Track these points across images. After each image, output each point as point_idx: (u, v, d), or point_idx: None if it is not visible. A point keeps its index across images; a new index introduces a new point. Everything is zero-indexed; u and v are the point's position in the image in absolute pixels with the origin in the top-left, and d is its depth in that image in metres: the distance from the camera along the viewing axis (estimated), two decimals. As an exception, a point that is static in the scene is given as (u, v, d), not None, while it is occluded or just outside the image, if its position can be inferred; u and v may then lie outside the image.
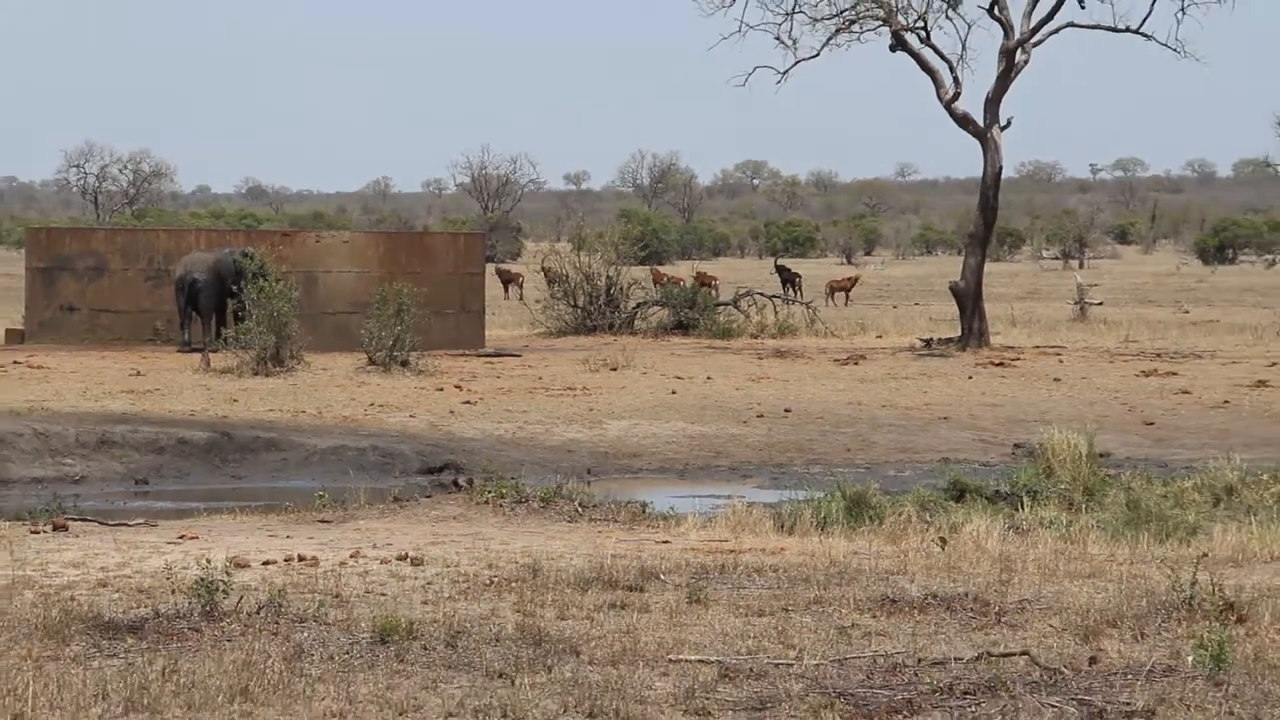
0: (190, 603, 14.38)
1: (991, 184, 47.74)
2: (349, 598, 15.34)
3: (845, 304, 67.57)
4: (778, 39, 48.30)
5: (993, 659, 12.92)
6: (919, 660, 13.02)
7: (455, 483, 25.62)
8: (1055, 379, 39.88)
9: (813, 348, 46.44)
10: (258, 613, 14.26)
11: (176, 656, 12.97)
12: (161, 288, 42.97)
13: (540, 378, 38.53)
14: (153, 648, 13.30)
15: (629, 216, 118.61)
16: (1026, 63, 47.32)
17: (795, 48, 48.24)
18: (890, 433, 33.66)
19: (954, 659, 13.03)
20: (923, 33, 47.73)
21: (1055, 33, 47.61)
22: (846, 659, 13.12)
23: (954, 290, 47.96)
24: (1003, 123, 47.35)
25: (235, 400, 33.76)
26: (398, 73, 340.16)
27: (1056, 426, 28.77)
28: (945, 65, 47.59)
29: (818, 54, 48.31)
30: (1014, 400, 36.91)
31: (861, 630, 14.23)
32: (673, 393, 36.93)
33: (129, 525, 20.65)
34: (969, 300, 46.73)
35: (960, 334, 46.53)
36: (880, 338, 50.75)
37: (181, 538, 19.16)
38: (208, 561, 16.09)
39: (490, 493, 22.80)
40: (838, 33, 47.80)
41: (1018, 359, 43.40)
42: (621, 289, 51.44)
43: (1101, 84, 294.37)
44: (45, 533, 19.63)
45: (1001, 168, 48.00)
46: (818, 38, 48.07)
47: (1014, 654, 13.08)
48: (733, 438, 32.86)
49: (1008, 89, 47.20)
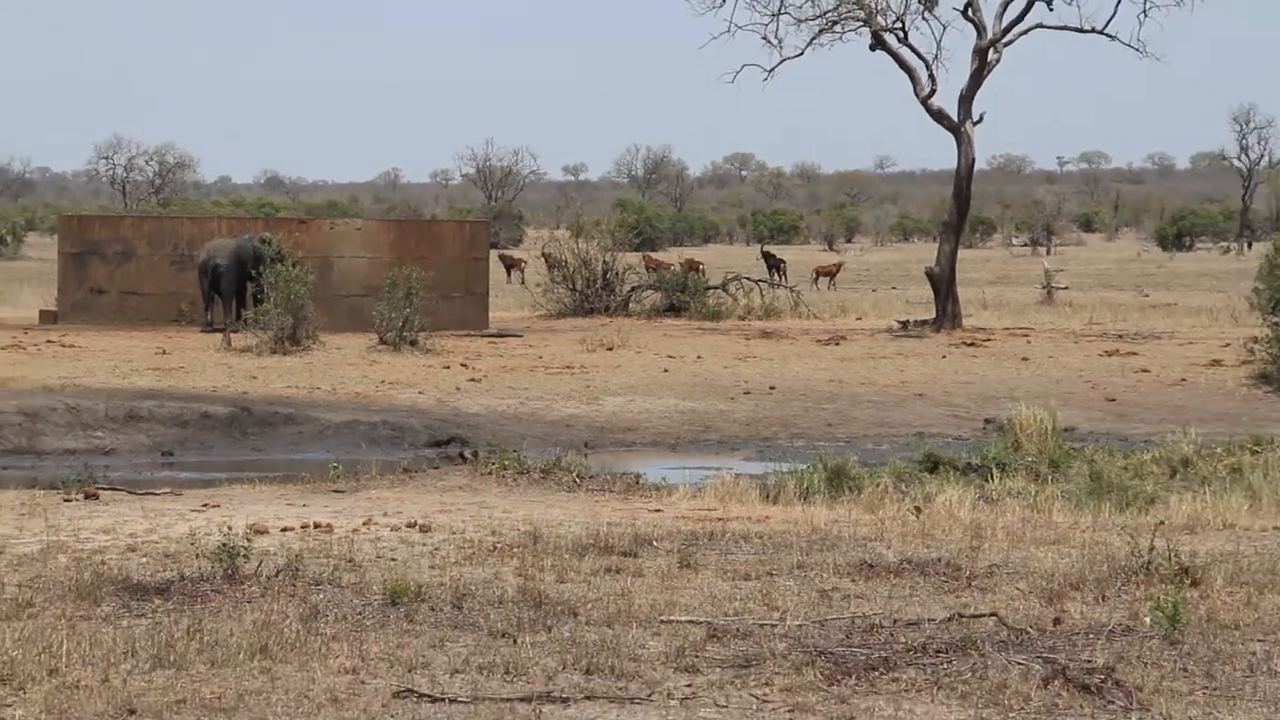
0: (213, 566, 14.41)
1: (965, 175, 47.75)
2: (361, 562, 15.37)
3: (830, 288, 67.51)
4: (764, 38, 48.38)
5: (964, 620, 12.96)
6: (895, 621, 13.05)
7: (461, 455, 25.64)
8: (1023, 358, 39.90)
9: (796, 329, 46.45)
10: (276, 576, 14.29)
11: (200, 616, 13.00)
12: (185, 272, 42.97)
13: (540, 357, 38.54)
14: (178, 608, 13.33)
15: (624, 205, 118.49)
16: (998, 61, 47.33)
17: (781, 47, 48.30)
18: (869, 409, 33.68)
19: (927, 620, 13.06)
20: (901, 33, 47.75)
21: (1025, 33, 47.66)
22: (827, 620, 13.15)
23: (929, 275, 47.98)
24: (975, 118, 47.35)
25: (255, 377, 33.77)
26: (407, 70, 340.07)
27: (1024, 403, 28.81)
28: (922, 64, 47.64)
29: (802, 53, 48.35)
30: (985, 378, 36.93)
31: (841, 593, 14.26)
32: (665, 371, 36.95)
33: (156, 494, 20.68)
34: (943, 284, 46.74)
35: (935, 316, 46.54)
36: (860, 320, 50.74)
37: (205, 506, 19.18)
38: (229, 528, 16.13)
39: (494, 464, 22.83)
40: (821, 33, 47.81)
41: (988, 340, 43.41)
42: (617, 274, 51.42)
43: (1068, 82, 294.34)
44: (77, 501, 19.65)
45: (974, 160, 48.01)
46: (802, 37, 48.13)
47: (983, 615, 13.11)
48: (721, 413, 32.88)
49: (980, 86, 47.20)
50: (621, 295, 50.63)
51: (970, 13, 47.19)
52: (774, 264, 66.63)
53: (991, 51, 47.09)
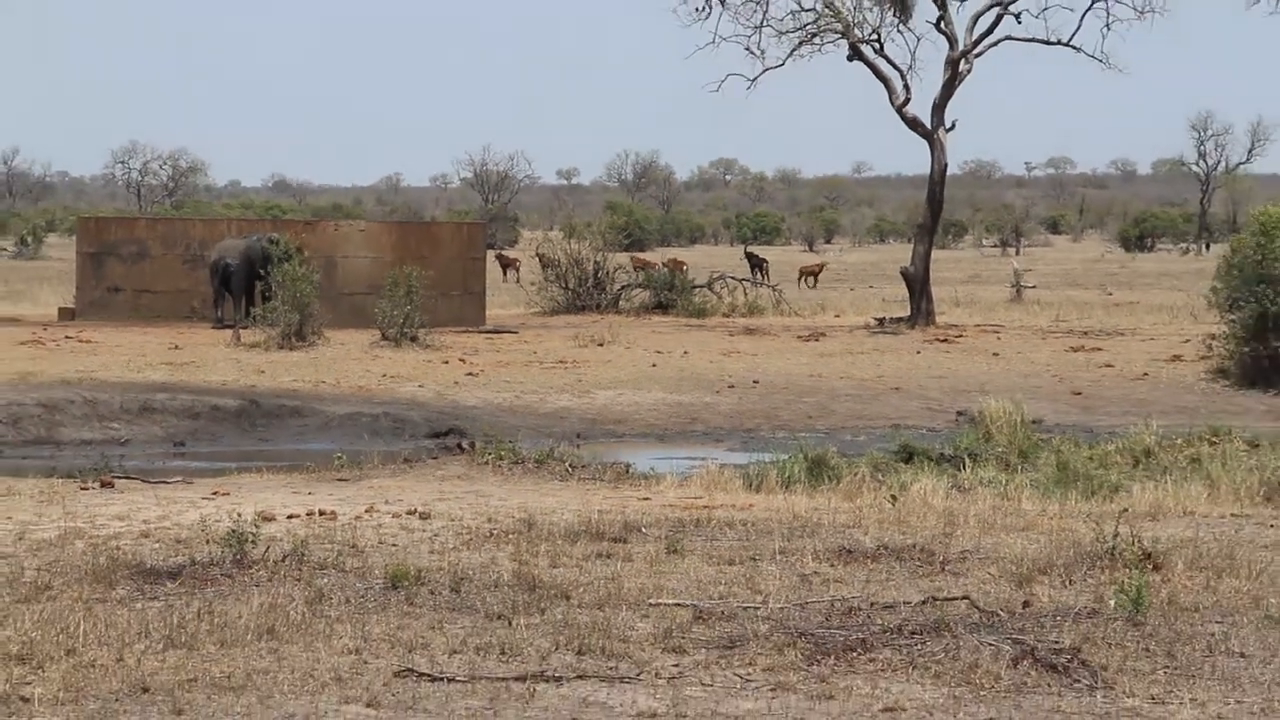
0: (223, 552, 14.40)
1: (938, 180, 47.76)
2: (364, 548, 15.35)
3: (813, 287, 67.49)
4: (748, 49, 48.32)
5: (937, 603, 12.95)
6: (872, 604, 13.04)
7: (459, 446, 25.60)
8: (994, 354, 39.91)
9: (778, 326, 46.43)
10: (283, 561, 14.28)
11: (210, 599, 12.99)
12: (197, 271, 42.90)
13: (535, 352, 38.53)
14: (189, 591, 13.32)
15: (614, 208, 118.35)
16: (969, 72, 47.31)
17: (763, 58, 48.24)
18: (847, 402, 33.69)
19: (903, 603, 13.06)
20: (877, 45, 47.72)
21: (995, 45, 47.65)
22: (807, 603, 13.15)
23: (904, 275, 47.97)
24: (948, 125, 47.34)
25: (263, 371, 33.74)
26: (408, 79, 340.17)
27: (995, 396, 28.83)
28: (897, 74, 47.62)
29: (783, 63, 48.29)
30: (957, 373, 36.95)
31: (821, 577, 14.26)
32: (653, 366, 36.94)
33: (168, 483, 20.66)
34: (918, 283, 46.74)
35: (910, 314, 46.52)
36: (839, 317, 50.72)
37: (215, 494, 19.17)
38: (238, 515, 16.10)
39: (490, 455, 22.81)
40: (801, 44, 47.77)
41: (961, 336, 43.42)
42: (608, 273, 51.38)
43: (1035, 91, 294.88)
44: (94, 489, 19.63)
45: (946, 165, 48.02)
46: (783, 49, 48.07)
47: (956, 598, 13.11)
48: (707, 406, 32.88)
49: (952, 95, 47.19)
50: (612, 293, 50.59)
51: (942, 25, 47.19)
52: (757, 264, 66.61)
53: (963, 62, 47.08)
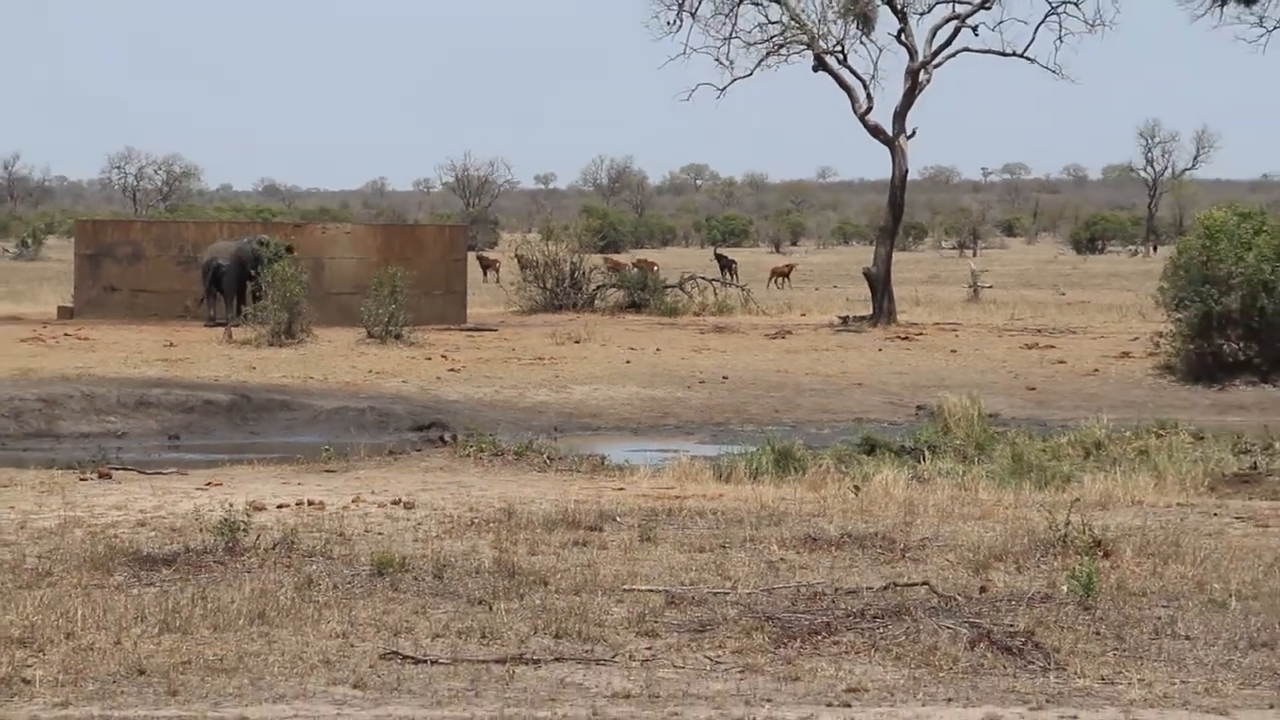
0: (216, 540, 14.40)
1: (899, 185, 47.79)
2: (351, 536, 15.35)
3: (783, 287, 67.47)
4: (717, 60, 48.26)
5: (898, 588, 12.99)
6: (836, 589, 13.07)
7: (441, 439, 25.59)
8: (952, 351, 39.96)
9: (746, 324, 46.44)
10: (273, 549, 14.28)
11: (204, 585, 12.99)
12: (190, 271, 42.82)
13: (514, 349, 38.51)
14: (184, 578, 13.32)
15: (590, 212, 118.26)
16: (928, 82, 47.34)
17: (732, 68, 48.19)
18: (812, 396, 33.72)
19: (865, 588, 13.09)
20: (841, 55, 47.74)
21: (953, 56, 47.68)
22: (774, 588, 13.17)
23: (867, 275, 48.01)
24: (908, 133, 47.36)
25: (253, 367, 33.70)
26: (392, 87, 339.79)
27: (953, 391, 28.89)
28: (860, 83, 47.63)
29: (751, 73, 48.26)
30: (917, 369, 36.99)
31: (787, 564, 14.29)
32: (627, 362, 36.94)
33: (163, 474, 20.65)
34: (879, 284, 46.77)
35: (872, 312, 46.55)
36: (804, 315, 50.71)
37: (208, 485, 19.15)
38: (230, 505, 16.11)
39: (471, 447, 22.82)
40: (768, 55, 47.75)
41: (920, 334, 43.46)
42: (584, 273, 51.34)
43: (992, 100, 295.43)
44: (92, 480, 19.61)
45: (907, 171, 48.04)
46: (751, 59, 48.02)
47: (916, 584, 13.15)
48: (678, 400, 32.89)
49: (912, 104, 47.21)
50: (588, 293, 50.55)
51: (903, 37, 47.24)
52: (726, 265, 66.56)
53: (922, 73, 47.11)
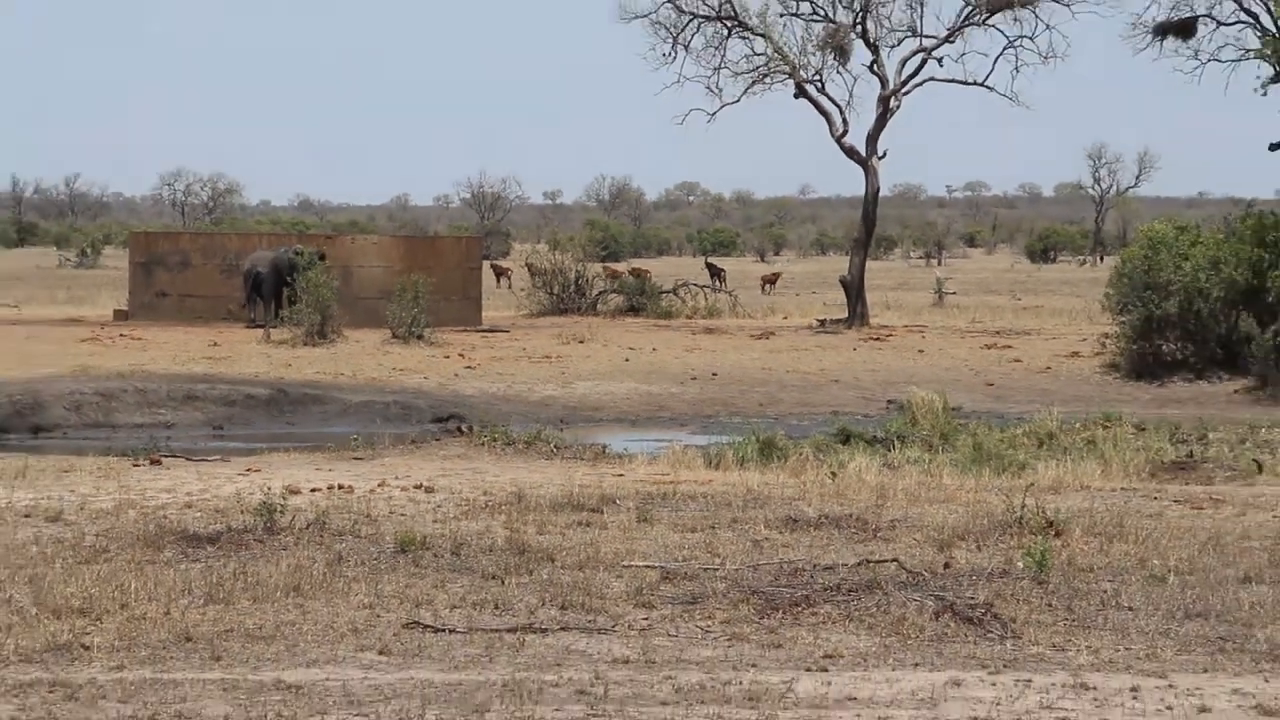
0: (255, 520, 14.40)
1: (871, 200, 47.80)
2: (377, 517, 15.36)
3: (772, 293, 67.54)
4: (708, 88, 48.25)
5: (870, 565, 12.99)
6: (814, 566, 13.08)
7: (459, 429, 25.60)
8: (919, 351, 39.96)
9: (734, 326, 46.44)
10: (307, 528, 14.28)
11: (244, 561, 12.99)
12: (233, 278, 42.78)
13: (524, 349, 38.51)
14: (226, 554, 13.32)
15: (593, 224, 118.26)
16: (898, 108, 47.35)
17: (721, 95, 48.14)
18: (793, 391, 33.73)
19: (841, 565, 13.09)
20: (819, 84, 47.72)
21: (920, 85, 47.68)
22: (759, 565, 13.18)
23: (843, 282, 47.99)
24: (880, 154, 47.35)
25: (289, 365, 33.70)
26: (414, 112, 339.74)
27: (920, 387, 28.86)
28: (836, 109, 47.59)
29: (738, 100, 48.24)
30: (888, 367, 36.99)
31: (771, 543, 14.29)
32: (626, 361, 36.94)
33: (208, 461, 20.65)
34: (854, 290, 46.77)
35: (847, 316, 46.52)
36: (786, 319, 50.69)
37: (248, 470, 19.15)
38: (268, 489, 16.10)
39: (486, 437, 22.82)
40: (754, 83, 47.74)
41: (891, 335, 43.46)
42: (587, 280, 51.33)
43: (955, 124, 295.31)
44: (144, 466, 19.62)
45: (879, 188, 48.05)
46: (738, 87, 47.98)
47: (887, 561, 13.15)
48: (672, 395, 32.90)
49: (884, 128, 47.21)
50: (590, 298, 50.53)
51: (875, 68, 47.29)
52: (715, 272, 66.54)
53: (893, 100, 47.12)
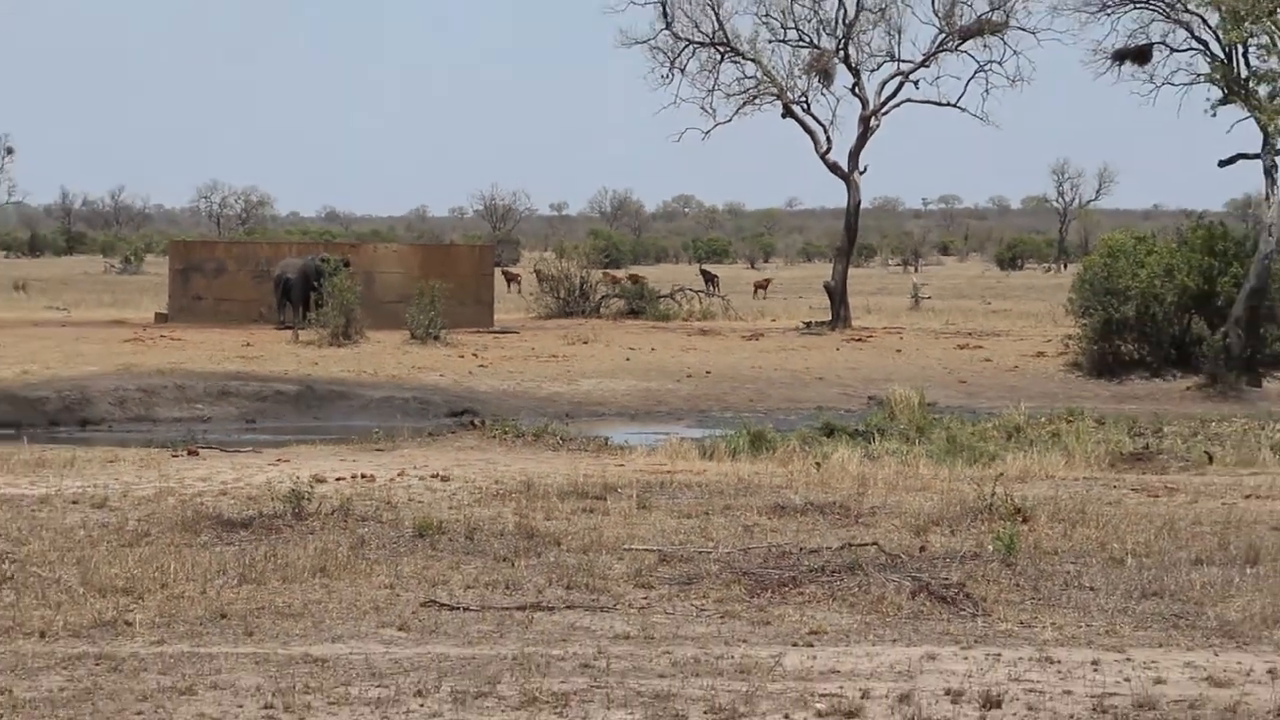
0: (284, 507, 14.40)
1: (853, 212, 47.83)
2: (396, 504, 15.36)
3: (763, 297, 67.62)
4: (702, 108, 48.23)
5: (852, 548, 12.99)
6: (800, 549, 13.07)
7: (472, 423, 25.58)
8: (897, 351, 39.98)
9: (726, 328, 46.45)
10: (332, 514, 14.28)
11: (275, 544, 12.99)
12: (264, 284, 42.77)
13: (533, 348, 38.52)
14: (258, 538, 13.32)
15: (596, 234, 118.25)
16: (878, 126, 47.36)
17: (715, 115, 48.18)
18: (781, 388, 33.74)
19: (825, 548, 13.09)
20: (805, 105, 47.72)
21: (898, 105, 47.73)
22: (749, 548, 13.17)
23: (826, 287, 48.00)
24: (861, 169, 47.37)
25: (316, 363, 33.71)
26: (433, 130, 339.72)
27: (898, 384, 28.89)
28: (821, 128, 47.58)
29: (731, 119, 48.23)
30: (868, 366, 37.00)
31: (760, 528, 14.29)
32: (627, 360, 36.95)
33: (241, 452, 20.65)
34: (837, 294, 46.77)
35: (831, 318, 46.52)
36: (775, 321, 50.71)
37: (278, 461, 19.15)
38: (297, 478, 16.10)
39: (497, 430, 22.82)
40: (745, 104, 47.76)
41: (871, 336, 43.48)
42: (591, 285, 51.34)
43: (930, 141, 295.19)
44: (182, 456, 19.62)
45: (860, 201, 48.06)
46: (731, 108, 48.01)
47: (867, 544, 13.15)
48: (669, 391, 32.91)
49: (865, 145, 47.21)
50: (594, 302, 50.52)
51: (857, 90, 47.33)
52: (709, 279, 66.53)
53: (873, 119, 47.12)
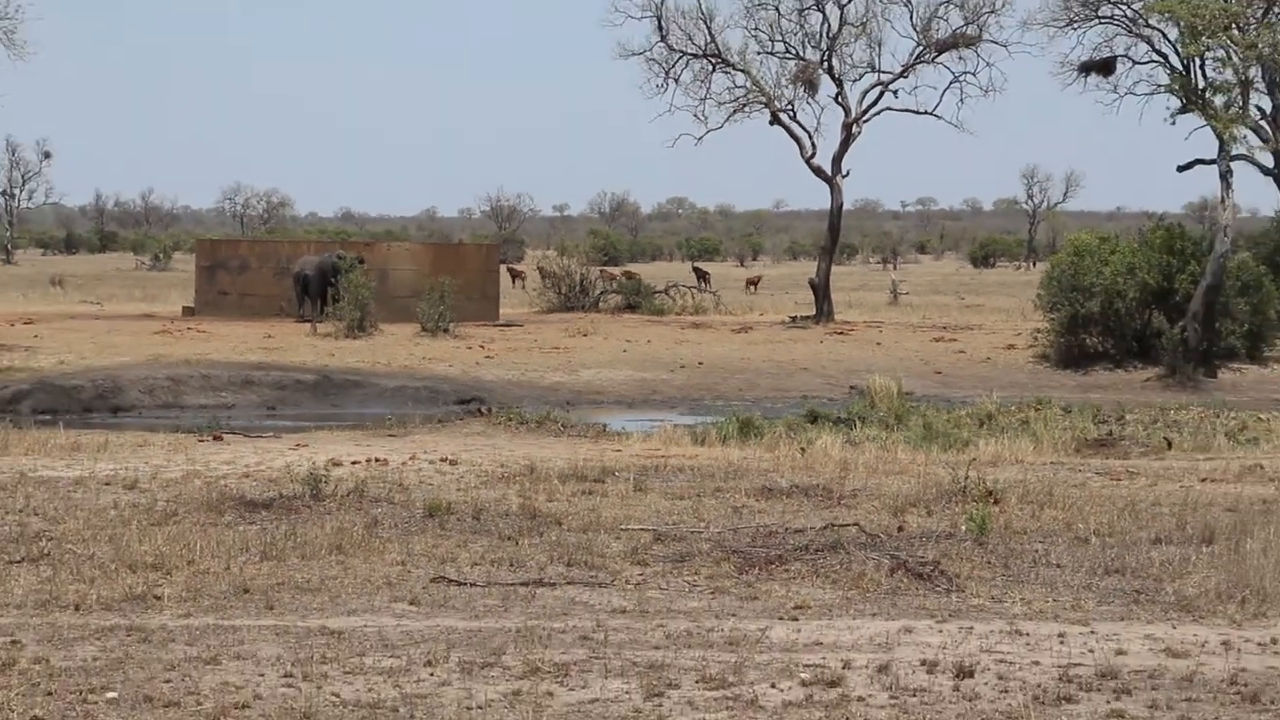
0: (303, 488, 14.40)
1: (836, 213, 47.81)
2: (408, 486, 15.35)
3: (754, 293, 67.67)
4: (695, 115, 48.19)
5: (835, 528, 12.99)
6: (786, 529, 13.08)
7: (479, 410, 25.59)
8: (877, 343, 39.97)
9: (717, 322, 46.43)
10: (347, 496, 14.28)
11: (294, 524, 12.99)
12: (284, 280, 42.73)
13: (536, 341, 38.51)
14: (278, 518, 13.31)
15: (595, 233, 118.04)
16: (860, 133, 47.32)
17: (707, 122, 48.13)
18: (768, 378, 33.73)
19: (809, 528, 13.09)
20: (791, 112, 47.66)
21: (878, 113, 47.72)
22: (738, 528, 13.18)
23: (811, 284, 47.99)
24: (844, 172, 47.33)
25: (333, 354, 33.69)
26: (443, 135, 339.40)
27: (878, 374, 28.86)
28: (806, 134, 47.51)
29: (722, 126, 48.14)
30: (850, 357, 37.00)
31: (749, 509, 14.29)
32: (624, 351, 36.94)
33: (263, 437, 20.65)
34: (821, 291, 46.76)
35: (815, 313, 46.51)
36: (763, 315, 50.68)
37: (297, 446, 19.14)
38: (314, 462, 16.10)
39: (502, 417, 22.82)
40: (735, 112, 47.71)
41: (852, 330, 43.47)
42: (590, 282, 51.31)
43: (908, 147, 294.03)
44: (208, 441, 19.61)
45: (843, 203, 48.03)
46: (721, 115, 47.93)
47: (849, 525, 13.15)
48: (664, 381, 32.90)
49: (847, 150, 47.18)
50: (593, 297, 50.49)
51: (840, 99, 47.34)
52: (702, 275, 66.53)
53: (855, 126, 47.09)
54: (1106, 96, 39.95)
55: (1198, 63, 36.52)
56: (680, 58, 47.81)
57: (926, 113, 47.86)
